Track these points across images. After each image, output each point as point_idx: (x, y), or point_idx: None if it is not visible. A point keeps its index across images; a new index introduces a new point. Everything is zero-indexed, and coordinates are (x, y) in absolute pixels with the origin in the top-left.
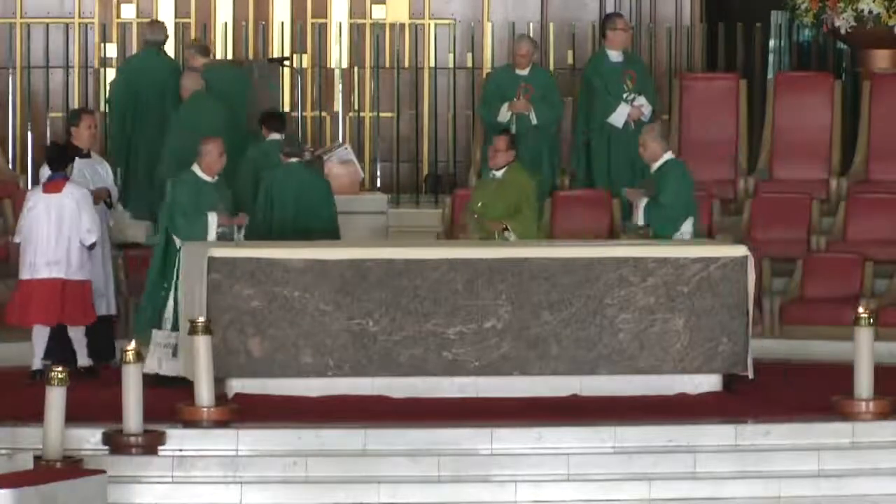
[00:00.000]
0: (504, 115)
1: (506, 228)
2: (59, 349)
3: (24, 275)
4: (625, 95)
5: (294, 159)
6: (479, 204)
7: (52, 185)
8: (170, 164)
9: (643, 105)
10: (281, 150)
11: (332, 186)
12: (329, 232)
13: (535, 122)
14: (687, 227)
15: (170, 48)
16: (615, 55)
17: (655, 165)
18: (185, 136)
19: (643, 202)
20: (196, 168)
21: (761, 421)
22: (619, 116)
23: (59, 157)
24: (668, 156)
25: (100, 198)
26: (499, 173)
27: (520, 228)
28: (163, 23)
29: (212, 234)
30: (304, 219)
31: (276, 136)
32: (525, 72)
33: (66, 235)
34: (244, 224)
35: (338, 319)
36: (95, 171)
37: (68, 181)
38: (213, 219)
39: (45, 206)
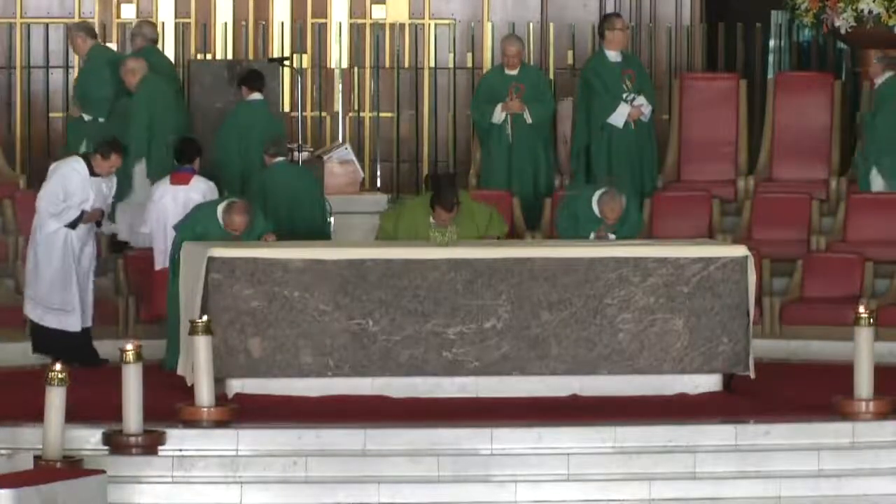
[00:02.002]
0: (499, 116)
1: (498, 237)
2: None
3: (158, 265)
4: (624, 95)
5: (279, 159)
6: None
7: (180, 177)
8: (138, 147)
9: (643, 105)
10: (266, 151)
11: (331, 186)
12: (317, 230)
13: (529, 121)
14: None
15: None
16: (614, 55)
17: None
18: (148, 122)
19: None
20: (219, 211)
21: (761, 421)
22: (618, 116)
23: (188, 151)
24: None
25: (91, 219)
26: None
27: (505, 230)
28: (147, 22)
29: None
30: (295, 217)
31: (257, 95)
32: (515, 72)
33: None
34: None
35: (338, 319)
36: (99, 187)
37: (195, 174)
38: None
39: (172, 197)
